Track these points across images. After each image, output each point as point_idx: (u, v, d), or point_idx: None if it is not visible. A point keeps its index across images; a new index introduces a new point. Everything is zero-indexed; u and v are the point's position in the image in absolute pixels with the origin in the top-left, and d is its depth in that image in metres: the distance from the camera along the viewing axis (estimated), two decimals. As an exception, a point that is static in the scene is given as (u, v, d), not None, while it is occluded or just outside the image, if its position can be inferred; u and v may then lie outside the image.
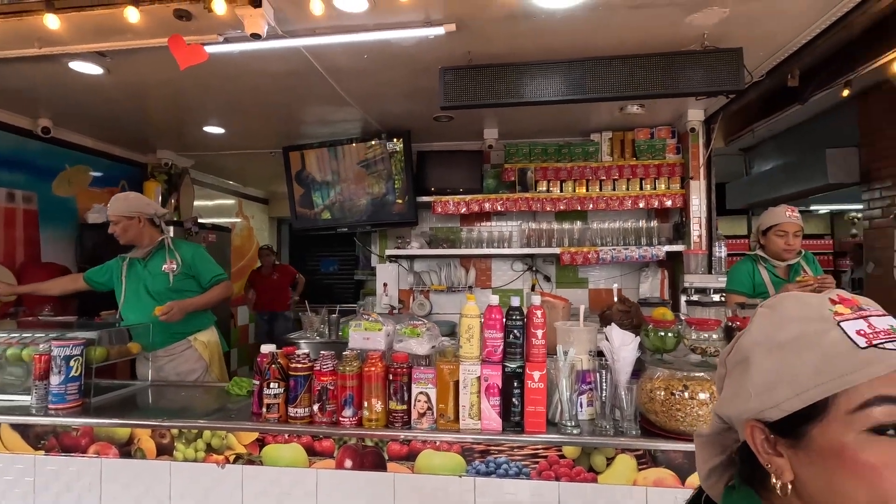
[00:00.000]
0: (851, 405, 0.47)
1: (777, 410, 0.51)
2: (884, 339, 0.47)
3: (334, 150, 3.75)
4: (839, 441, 0.48)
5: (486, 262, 4.02)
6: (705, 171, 3.35)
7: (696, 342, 1.55)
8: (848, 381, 0.47)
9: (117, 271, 2.53)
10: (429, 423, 1.60)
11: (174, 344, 2.49)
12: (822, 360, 0.49)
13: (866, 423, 0.47)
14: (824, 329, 0.50)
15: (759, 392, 0.53)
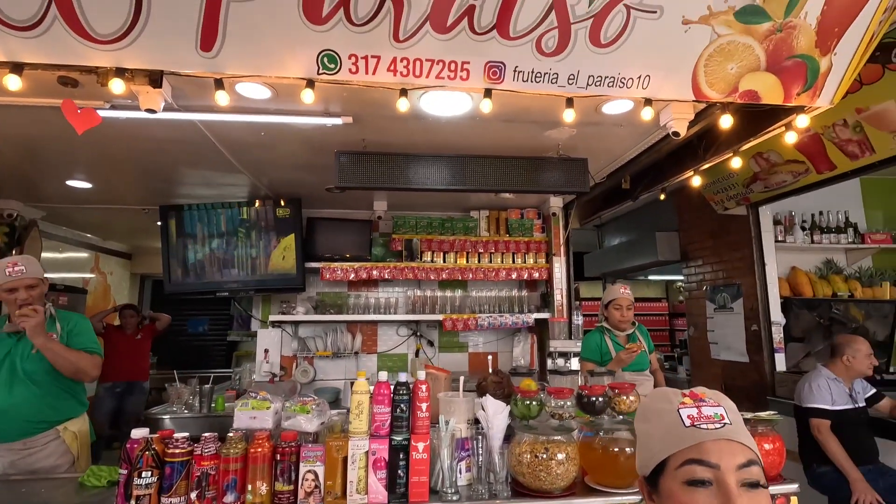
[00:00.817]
0: (675, 464, 0.71)
1: (645, 468, 0.76)
2: (703, 422, 0.71)
3: (218, 212, 3.66)
4: (671, 488, 0.71)
5: (372, 327, 4.11)
6: (565, 249, 3.90)
7: (555, 409, 1.82)
8: (673, 448, 0.71)
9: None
10: (316, 501, 1.62)
11: (38, 435, 2.12)
12: (663, 433, 0.74)
13: (684, 477, 0.70)
14: (669, 411, 0.74)
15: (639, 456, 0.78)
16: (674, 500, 0.71)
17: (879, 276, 4.27)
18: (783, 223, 4.18)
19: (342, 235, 3.90)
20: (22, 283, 2.14)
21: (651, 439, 0.76)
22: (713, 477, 0.69)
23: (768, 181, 3.48)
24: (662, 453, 0.73)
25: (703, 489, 0.69)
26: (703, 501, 0.68)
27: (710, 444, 0.70)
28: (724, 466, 0.69)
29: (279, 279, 3.66)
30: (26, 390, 2.11)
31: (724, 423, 0.72)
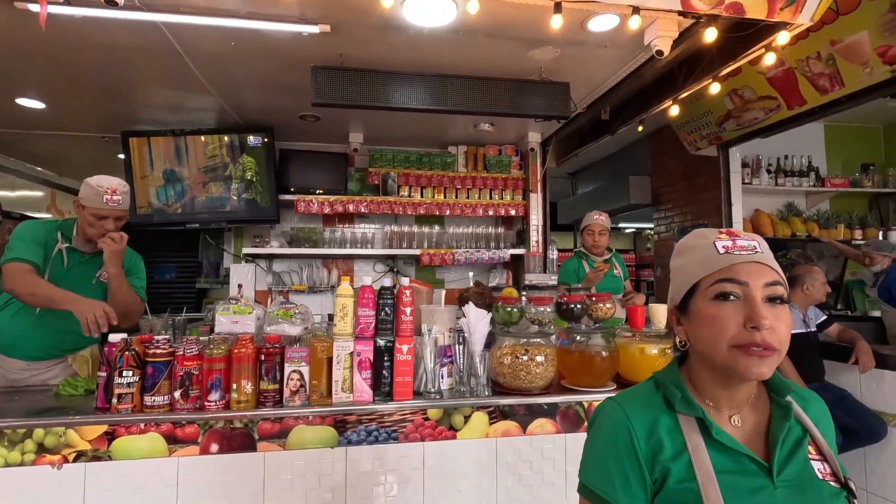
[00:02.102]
0: (707, 284, 0.76)
1: (677, 296, 0.81)
2: (737, 251, 0.76)
3: (186, 139, 3.50)
4: (700, 306, 0.77)
5: (348, 262, 4.09)
6: (542, 186, 3.92)
7: (535, 315, 1.88)
8: (707, 271, 0.77)
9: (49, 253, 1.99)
10: (301, 399, 1.65)
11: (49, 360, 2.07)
12: (698, 261, 0.79)
13: (714, 293, 0.75)
14: (705, 244, 0.79)
15: (672, 288, 0.83)
16: (702, 316, 0.76)
17: (836, 218, 4.49)
18: (751, 166, 4.31)
19: (317, 169, 3.81)
20: (114, 214, 2.00)
21: (685, 269, 0.81)
22: (741, 292, 0.74)
23: (741, 119, 3.55)
24: (696, 276, 0.78)
25: (730, 303, 0.74)
26: (730, 312, 0.73)
27: (740, 266, 0.75)
28: (753, 284, 0.74)
29: (251, 211, 3.57)
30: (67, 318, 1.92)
31: (757, 251, 0.77)
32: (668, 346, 1.85)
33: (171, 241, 7.36)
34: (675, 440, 0.75)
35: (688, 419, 0.76)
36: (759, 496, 0.71)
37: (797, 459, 0.75)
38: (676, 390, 0.78)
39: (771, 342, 0.70)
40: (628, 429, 0.76)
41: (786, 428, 0.76)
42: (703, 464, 0.72)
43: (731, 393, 0.78)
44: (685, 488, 0.71)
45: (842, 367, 3.01)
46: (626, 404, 0.79)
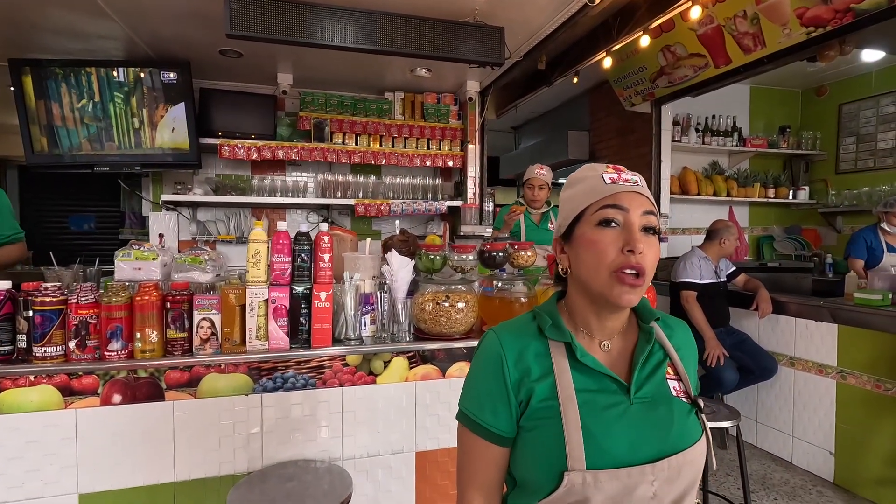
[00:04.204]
0: (592, 211, 0.79)
1: (564, 224, 0.84)
2: (621, 182, 0.80)
3: (87, 72, 3.14)
4: (583, 232, 0.80)
5: (279, 212, 3.94)
6: (479, 137, 3.88)
7: (458, 262, 1.88)
8: (593, 199, 0.80)
9: None
10: (213, 348, 1.59)
11: None
12: (586, 190, 0.81)
13: (596, 219, 0.79)
14: (594, 176, 0.82)
15: (559, 219, 0.86)
16: (585, 240, 0.80)
17: (753, 177, 4.78)
18: (681, 124, 4.46)
19: (242, 111, 3.56)
20: None
21: (573, 199, 0.83)
22: (622, 219, 0.78)
23: (672, 76, 3.63)
24: (583, 204, 0.81)
25: (611, 229, 0.78)
26: (611, 238, 0.78)
27: (623, 195, 0.79)
28: (633, 211, 0.78)
29: (170, 154, 3.31)
30: None
31: (638, 184, 0.81)
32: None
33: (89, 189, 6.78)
34: (542, 364, 0.80)
35: (557, 345, 0.81)
36: (614, 410, 0.77)
37: (655, 379, 0.81)
38: (548, 318, 0.83)
39: (643, 265, 0.76)
40: (500, 355, 0.80)
41: (647, 350, 0.82)
42: (565, 384, 0.77)
43: (603, 321, 0.83)
44: (547, 406, 0.77)
45: (744, 312, 3.29)
46: (502, 333, 0.83)
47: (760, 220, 5.06)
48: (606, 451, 0.73)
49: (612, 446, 0.74)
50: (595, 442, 0.73)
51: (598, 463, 0.73)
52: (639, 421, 0.76)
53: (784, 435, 3.06)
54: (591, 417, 0.75)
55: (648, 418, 0.77)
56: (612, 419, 0.76)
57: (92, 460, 1.47)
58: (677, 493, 0.76)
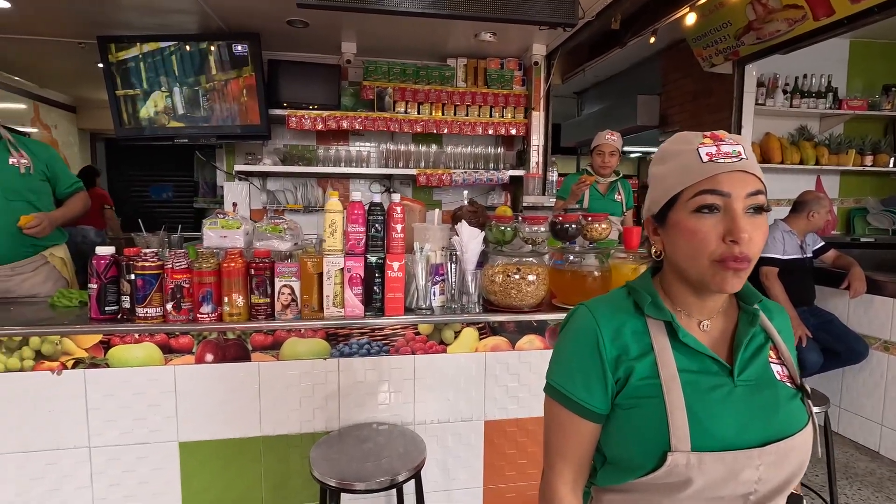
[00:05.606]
0: (688, 196, 0.73)
1: (655, 206, 0.78)
2: (721, 158, 0.72)
3: (168, 47, 3.28)
4: (679, 218, 0.74)
5: (343, 182, 4.01)
6: (545, 104, 3.74)
7: (528, 234, 1.85)
8: (688, 182, 0.73)
9: None
10: (293, 313, 1.67)
11: (26, 259, 2.08)
12: (680, 169, 0.74)
13: (693, 206, 0.73)
14: (688, 151, 0.74)
15: (650, 197, 0.80)
16: (680, 228, 0.74)
17: (847, 143, 4.33)
18: (766, 85, 4.08)
19: (308, 81, 3.60)
20: None
21: (666, 178, 0.77)
22: (722, 204, 0.71)
23: (762, 31, 3.30)
24: (676, 187, 0.74)
25: (711, 215, 0.72)
26: (710, 225, 0.72)
27: (724, 176, 0.71)
28: (735, 194, 0.71)
29: (242, 126, 3.43)
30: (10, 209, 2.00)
31: (741, 158, 0.72)
32: (661, 268, 1.83)
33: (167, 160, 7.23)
34: (641, 342, 0.77)
35: (656, 323, 0.78)
36: (718, 392, 0.74)
37: (758, 362, 0.78)
38: (647, 295, 0.79)
39: (748, 254, 0.70)
40: (595, 332, 0.78)
41: (750, 333, 0.78)
42: (667, 363, 0.75)
43: (703, 301, 0.79)
44: (648, 384, 0.75)
45: (832, 291, 3.05)
46: (596, 309, 0.80)
47: (853, 190, 4.60)
48: (712, 433, 0.71)
49: (717, 429, 0.72)
50: (700, 423, 0.71)
51: (702, 445, 0.71)
52: (744, 404, 0.74)
53: (871, 423, 2.85)
54: (696, 398, 0.73)
55: (753, 402, 0.74)
56: (716, 401, 0.73)
57: (189, 412, 1.60)
58: (781, 479, 0.73)
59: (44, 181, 2.13)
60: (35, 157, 2.09)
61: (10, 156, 2.03)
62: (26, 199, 2.05)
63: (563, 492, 0.80)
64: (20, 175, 2.04)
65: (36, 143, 2.19)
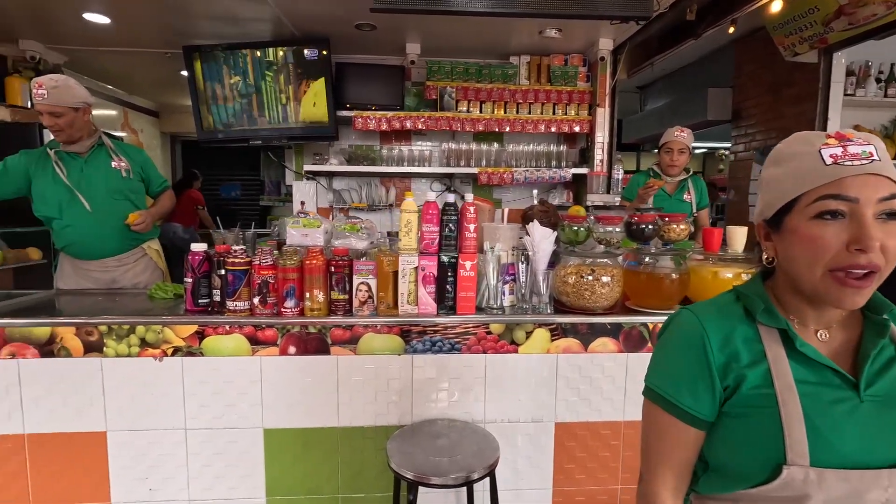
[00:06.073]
0: (808, 201, 0.68)
1: (769, 210, 0.74)
2: (847, 160, 0.66)
3: (243, 53, 3.46)
4: (796, 224, 0.70)
5: (405, 181, 4.09)
6: (610, 100, 3.64)
7: (602, 235, 1.81)
8: (807, 186, 0.68)
9: (44, 168, 2.15)
10: (370, 310, 1.72)
11: (128, 252, 2.30)
12: (799, 172, 0.69)
13: (813, 211, 0.68)
14: (808, 153, 0.69)
15: (763, 200, 0.75)
16: (799, 235, 0.69)
17: (951, 135, 3.92)
18: (857, 74, 3.77)
19: (373, 83, 3.70)
20: (46, 109, 2.08)
21: (781, 181, 0.72)
22: (848, 210, 0.66)
23: (854, 16, 3.05)
24: (794, 191, 0.69)
25: (834, 221, 0.66)
26: (833, 232, 0.66)
27: (851, 180, 0.65)
28: (864, 199, 0.65)
29: (312, 127, 3.57)
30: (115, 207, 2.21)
31: (873, 160, 0.66)
32: (745, 271, 1.75)
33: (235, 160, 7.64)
34: (752, 349, 0.74)
35: (769, 330, 0.74)
36: (842, 406, 0.69)
37: (889, 376, 0.71)
38: (760, 301, 0.75)
39: (878, 263, 0.64)
40: (702, 337, 0.75)
41: (879, 345, 0.72)
42: (782, 372, 0.71)
43: (820, 312, 0.74)
44: (761, 394, 0.71)
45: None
46: (702, 314, 0.78)
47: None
48: (834, 449, 0.68)
49: (841, 445, 0.68)
50: (821, 438, 0.68)
51: (823, 460, 0.67)
52: (871, 421, 0.69)
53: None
54: (816, 411, 0.69)
55: (883, 419, 0.69)
56: (840, 416, 0.69)
57: (273, 401, 1.70)
58: None
59: (139, 182, 2.32)
60: (131, 160, 2.28)
61: (112, 160, 2.23)
62: (128, 199, 2.24)
63: (665, 496, 0.78)
64: (122, 177, 2.23)
65: (131, 147, 2.39)
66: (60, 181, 2.14)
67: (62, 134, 2.12)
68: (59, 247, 2.25)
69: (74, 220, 2.17)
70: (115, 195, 2.21)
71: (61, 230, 2.18)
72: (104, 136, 2.27)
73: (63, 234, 2.19)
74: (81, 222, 2.17)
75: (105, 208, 2.19)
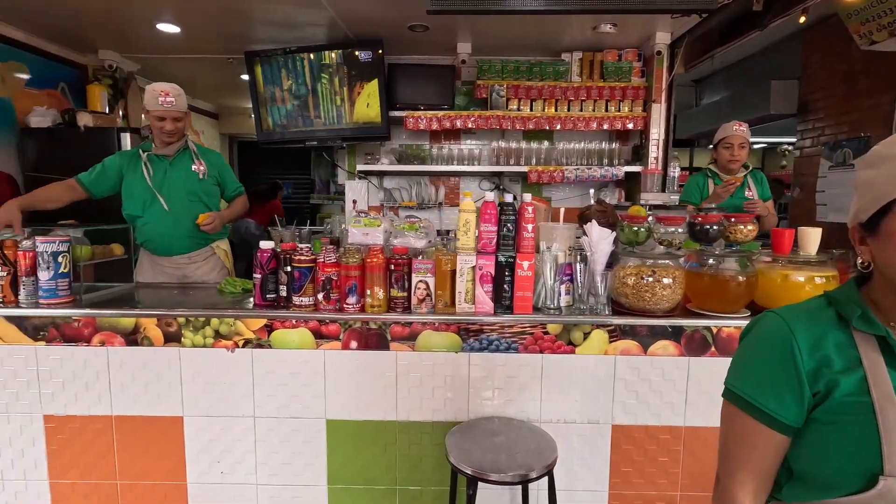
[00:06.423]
0: None
1: (864, 213, 0.72)
2: None
3: (300, 57, 3.59)
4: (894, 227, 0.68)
5: (454, 179, 4.12)
6: (666, 95, 3.53)
7: (664, 236, 1.77)
8: None
9: (134, 168, 2.33)
10: (427, 307, 1.76)
11: (198, 250, 2.46)
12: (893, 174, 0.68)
13: None
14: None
15: (857, 203, 0.74)
16: (894, 239, 0.68)
17: None
18: (943, 61, 3.48)
19: (424, 83, 3.74)
20: (170, 115, 2.26)
21: (878, 183, 0.70)
22: None
23: (942, 0, 2.82)
24: (892, 194, 0.68)
25: None
26: None
27: None
28: None
29: (365, 128, 3.66)
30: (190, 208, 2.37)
31: None
32: (818, 274, 1.67)
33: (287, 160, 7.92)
34: (846, 355, 0.72)
35: (865, 337, 0.72)
36: None
37: None
38: (856, 307, 0.73)
39: None
40: (790, 341, 0.73)
41: None
42: (881, 381, 0.68)
43: None
44: (856, 402, 0.69)
45: None
46: (790, 317, 0.76)
47: None
48: None
49: None
50: None
51: None
52: None
53: None
54: None
55: None
56: None
57: (335, 393, 1.76)
58: None
59: (215, 185, 2.46)
60: (210, 163, 2.43)
61: (193, 163, 2.37)
62: (201, 201, 2.38)
63: (744, 501, 0.77)
64: (199, 180, 2.38)
65: (211, 152, 2.54)
66: (146, 181, 2.31)
67: (175, 135, 2.32)
68: (139, 242, 2.42)
69: (153, 218, 2.33)
70: (190, 197, 2.35)
71: (142, 227, 2.35)
72: (189, 141, 2.43)
73: (143, 231, 2.36)
74: (159, 221, 2.33)
75: (181, 209, 2.34)
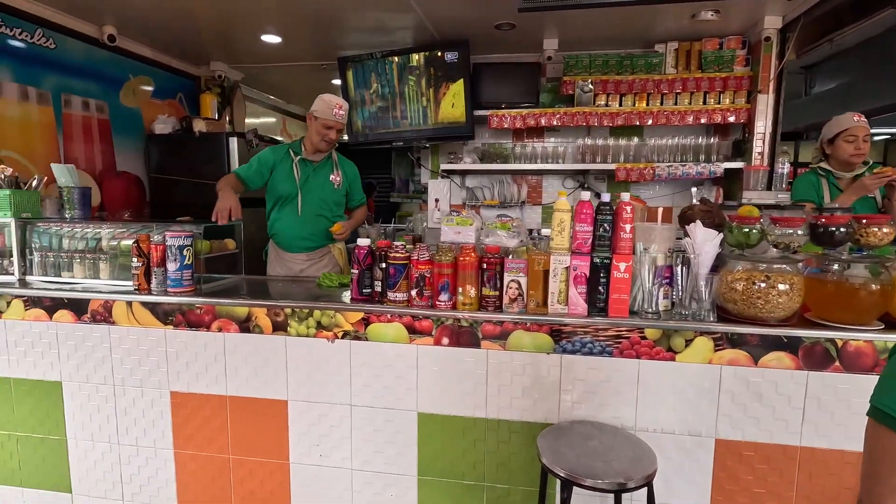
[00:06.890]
0: None
1: None
2: None
3: (389, 60, 3.71)
4: None
5: (537, 178, 4.06)
6: (775, 85, 3.24)
7: (780, 238, 1.63)
8: None
9: (284, 166, 2.53)
10: (519, 307, 1.75)
11: (318, 249, 2.67)
12: None
13: None
14: None
15: None
16: None
17: None
18: None
19: (508, 81, 3.73)
20: (337, 126, 2.48)
21: None
22: None
23: None
24: None
25: None
26: None
27: None
28: None
29: (449, 127, 3.71)
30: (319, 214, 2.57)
31: None
32: (973, 284, 1.46)
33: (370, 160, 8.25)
34: None
35: None
36: None
37: None
38: None
39: None
40: None
41: None
42: None
43: None
44: None
45: None
46: None
47: None
48: None
49: None
50: None
51: None
52: None
53: None
54: None
55: None
56: None
57: (427, 387, 1.81)
58: None
59: (344, 195, 2.67)
60: (345, 174, 2.63)
61: (332, 172, 2.58)
62: (330, 209, 2.60)
63: None
64: (334, 189, 2.59)
65: (348, 163, 2.72)
66: (293, 181, 2.52)
67: (332, 145, 2.54)
68: (269, 234, 2.65)
69: (285, 216, 2.57)
70: (322, 204, 2.57)
71: (274, 221, 2.60)
72: (335, 152, 2.63)
73: (274, 225, 2.62)
74: (289, 220, 2.57)
75: (311, 213, 2.56)
